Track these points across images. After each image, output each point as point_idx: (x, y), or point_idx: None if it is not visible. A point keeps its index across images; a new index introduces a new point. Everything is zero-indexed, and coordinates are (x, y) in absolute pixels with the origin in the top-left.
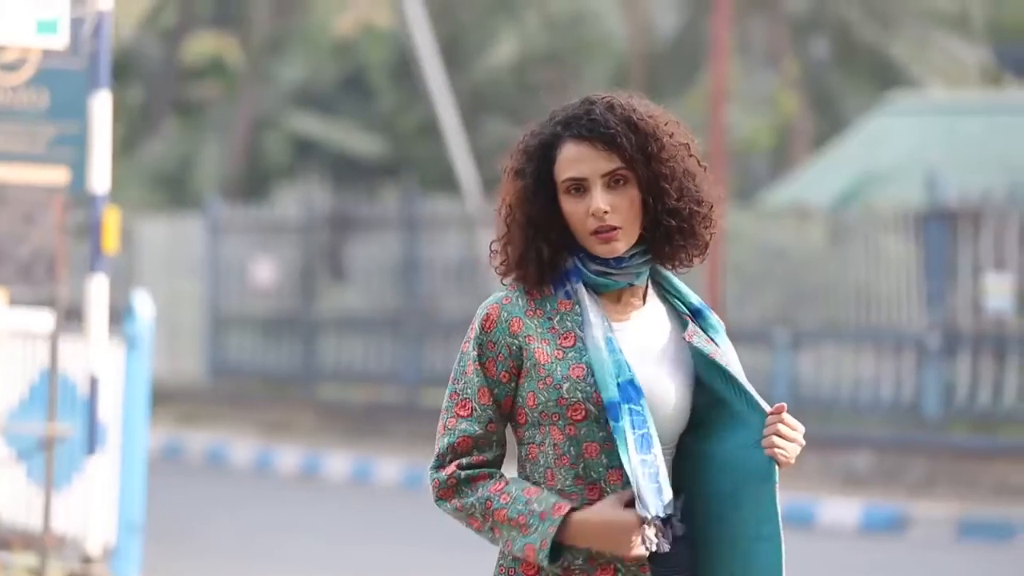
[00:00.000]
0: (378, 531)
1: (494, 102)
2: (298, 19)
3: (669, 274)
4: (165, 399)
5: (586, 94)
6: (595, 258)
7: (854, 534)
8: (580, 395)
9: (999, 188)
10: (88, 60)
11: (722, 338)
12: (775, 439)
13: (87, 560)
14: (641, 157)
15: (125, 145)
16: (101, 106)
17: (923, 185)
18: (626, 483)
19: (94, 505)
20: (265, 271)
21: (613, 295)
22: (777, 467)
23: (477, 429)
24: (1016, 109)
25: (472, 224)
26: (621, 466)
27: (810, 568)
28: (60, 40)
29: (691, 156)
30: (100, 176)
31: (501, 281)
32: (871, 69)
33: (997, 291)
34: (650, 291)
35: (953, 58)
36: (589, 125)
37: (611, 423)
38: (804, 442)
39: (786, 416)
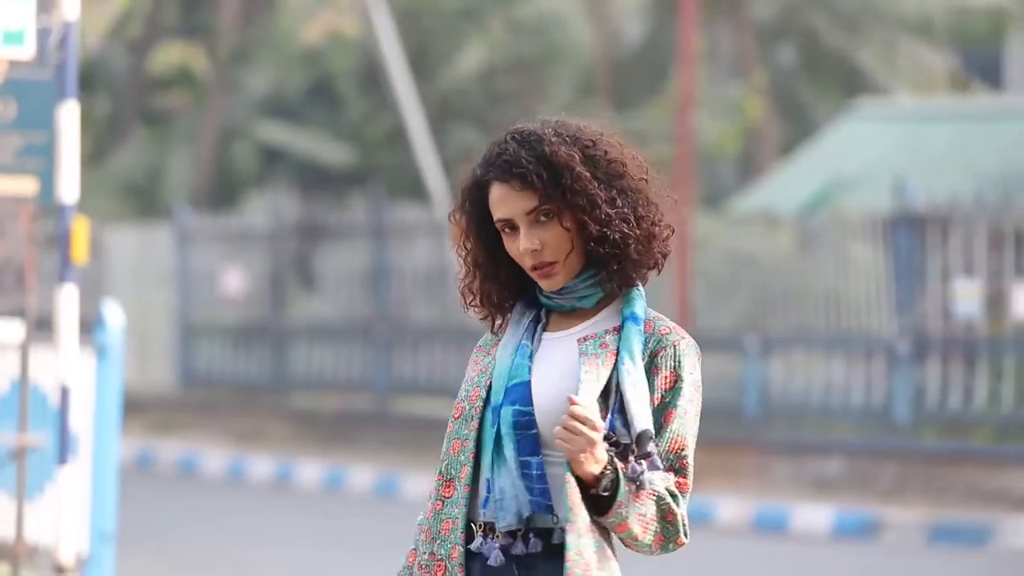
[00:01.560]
0: (351, 539)
1: (462, 110)
2: (265, 28)
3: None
4: (136, 408)
5: (513, 124)
6: None
7: (826, 540)
8: (463, 394)
9: (966, 193)
10: (55, 70)
11: (629, 353)
12: (558, 429)
13: (60, 570)
14: (556, 192)
15: (93, 155)
16: (68, 116)
17: (891, 191)
18: (472, 482)
19: (66, 515)
20: (235, 280)
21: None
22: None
23: None
24: (983, 115)
25: (441, 232)
26: (476, 465)
27: (782, 573)
28: (26, 51)
29: (625, 176)
30: (68, 186)
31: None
32: (838, 76)
33: (966, 296)
34: (612, 304)
35: (920, 64)
36: (503, 166)
37: (484, 422)
38: (592, 435)
39: (574, 408)
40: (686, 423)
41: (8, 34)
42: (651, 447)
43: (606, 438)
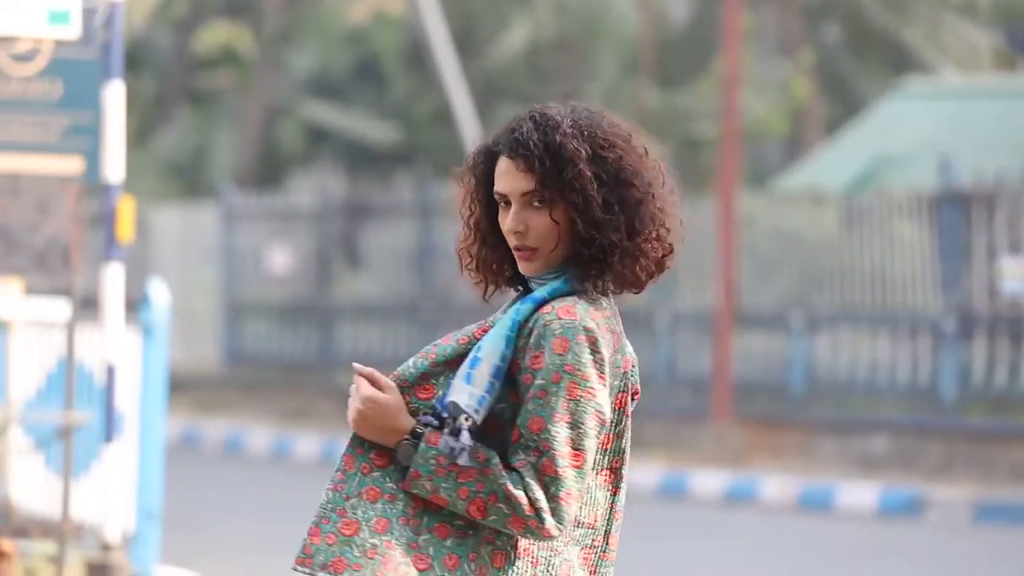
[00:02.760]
0: None
1: (507, 88)
2: (310, 8)
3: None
4: (182, 387)
5: (546, 102)
6: None
7: (871, 517)
8: None
9: (1013, 171)
10: (101, 50)
11: (498, 326)
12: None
13: (106, 548)
14: (555, 182)
15: (139, 135)
16: (114, 96)
17: (937, 169)
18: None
19: (112, 493)
20: (280, 259)
21: None
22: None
23: None
24: None
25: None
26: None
27: (828, 551)
28: (72, 30)
29: (632, 186)
30: (114, 165)
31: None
32: (884, 54)
33: (1012, 273)
34: None
35: (966, 42)
36: (512, 142)
37: None
38: (360, 404)
39: (355, 366)
40: (548, 404)
41: (54, 14)
42: (461, 421)
43: (430, 410)
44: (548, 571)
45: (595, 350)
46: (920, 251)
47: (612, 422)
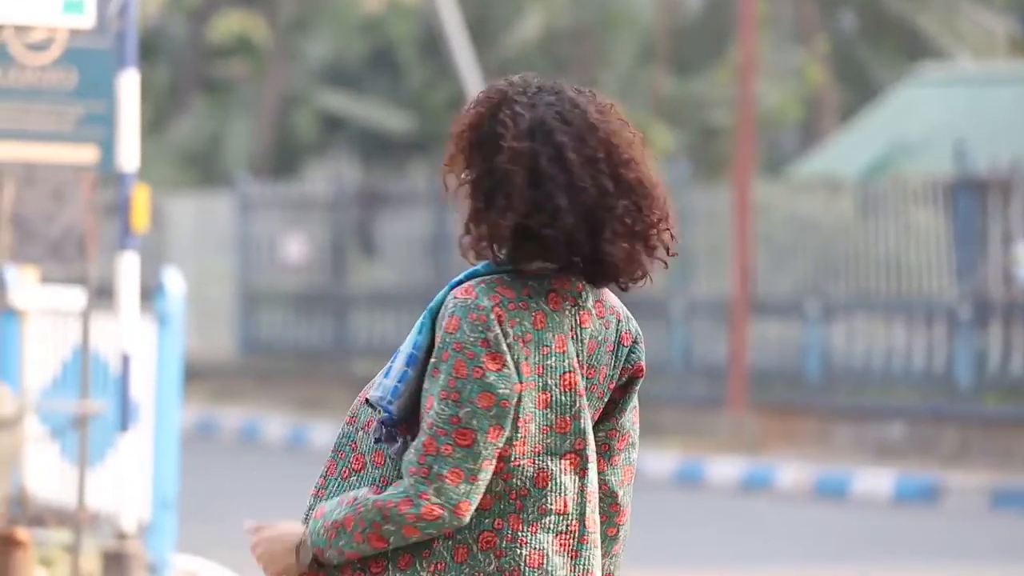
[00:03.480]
0: None
1: None
2: None
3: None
4: (197, 376)
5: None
6: None
7: (887, 504)
8: None
9: None
10: (115, 39)
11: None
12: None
13: (121, 536)
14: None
15: (153, 124)
16: (129, 84)
17: (952, 156)
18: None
19: (128, 482)
20: (295, 247)
21: None
22: None
23: None
24: None
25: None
26: None
27: (844, 538)
28: (87, 19)
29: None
30: (129, 154)
31: None
32: (899, 41)
33: None
34: None
35: (981, 28)
36: None
37: None
38: (254, 554)
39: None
40: (436, 382)
41: (68, 3)
42: (377, 414)
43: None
44: (514, 561)
45: (487, 328)
46: (935, 238)
47: (565, 404)
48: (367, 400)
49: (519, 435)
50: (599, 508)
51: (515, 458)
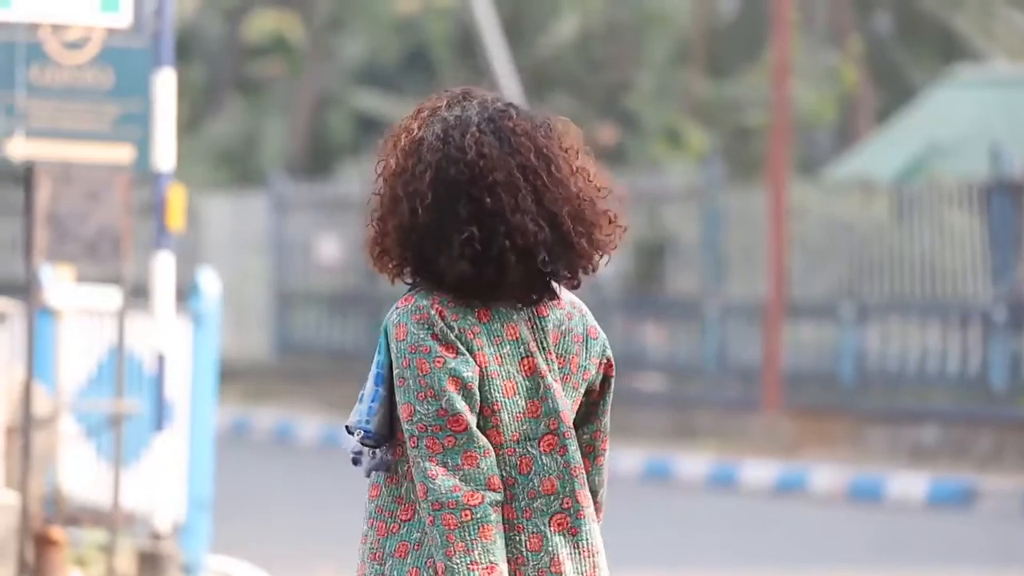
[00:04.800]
0: None
1: (557, 77)
2: None
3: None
4: (232, 376)
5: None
6: None
7: (922, 508)
8: None
9: None
10: (151, 38)
11: None
12: None
13: (156, 536)
14: None
15: (189, 123)
16: (165, 84)
17: (987, 158)
18: None
19: (162, 482)
20: (330, 248)
21: None
22: None
23: None
24: None
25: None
26: None
27: (878, 542)
28: (123, 19)
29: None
30: (165, 154)
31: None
32: (934, 42)
33: None
34: None
35: (1017, 30)
36: None
37: None
38: None
39: None
40: (407, 389)
41: (105, 2)
42: (356, 437)
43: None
44: (516, 549)
45: (432, 324)
46: (970, 240)
47: (531, 388)
48: (346, 427)
49: (490, 424)
50: None
51: (494, 448)
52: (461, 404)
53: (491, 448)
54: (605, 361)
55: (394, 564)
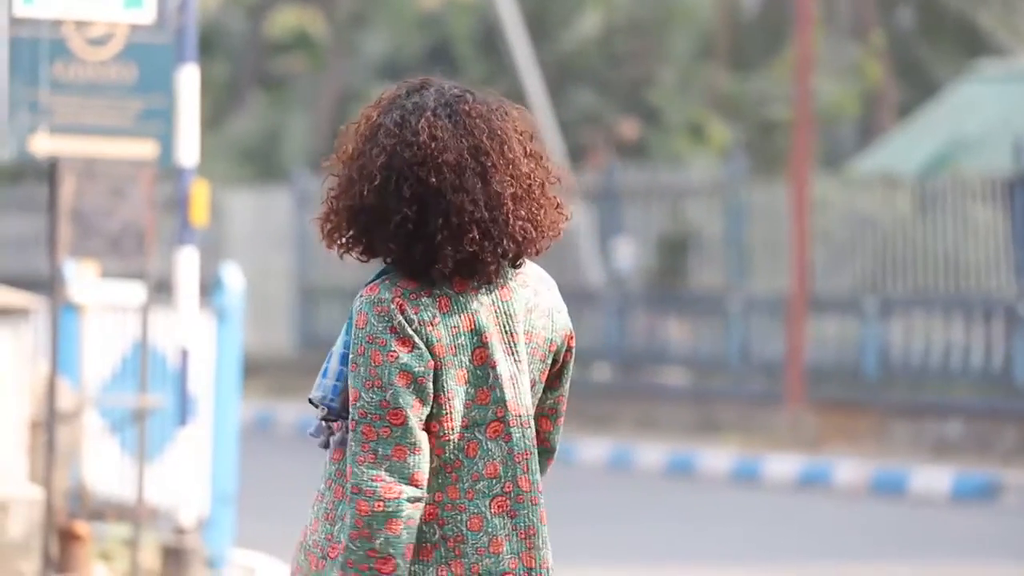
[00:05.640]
0: None
1: (580, 72)
2: None
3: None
4: (256, 371)
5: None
6: None
7: (946, 502)
8: None
9: None
10: (175, 34)
11: None
12: None
13: (180, 531)
14: None
15: (212, 119)
16: (188, 80)
17: (1011, 152)
18: None
19: (186, 477)
20: None
21: None
22: None
23: None
24: None
25: (559, 194)
26: None
27: (901, 536)
28: (147, 14)
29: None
30: (188, 149)
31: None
32: (958, 37)
33: None
34: None
35: None
36: None
37: None
38: None
39: None
40: (357, 375)
41: None
42: (318, 412)
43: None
44: (457, 528)
45: (391, 318)
46: (994, 235)
47: (481, 377)
48: (309, 400)
49: (444, 411)
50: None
51: (444, 433)
52: (405, 399)
53: (424, 447)
54: (568, 332)
55: (343, 527)
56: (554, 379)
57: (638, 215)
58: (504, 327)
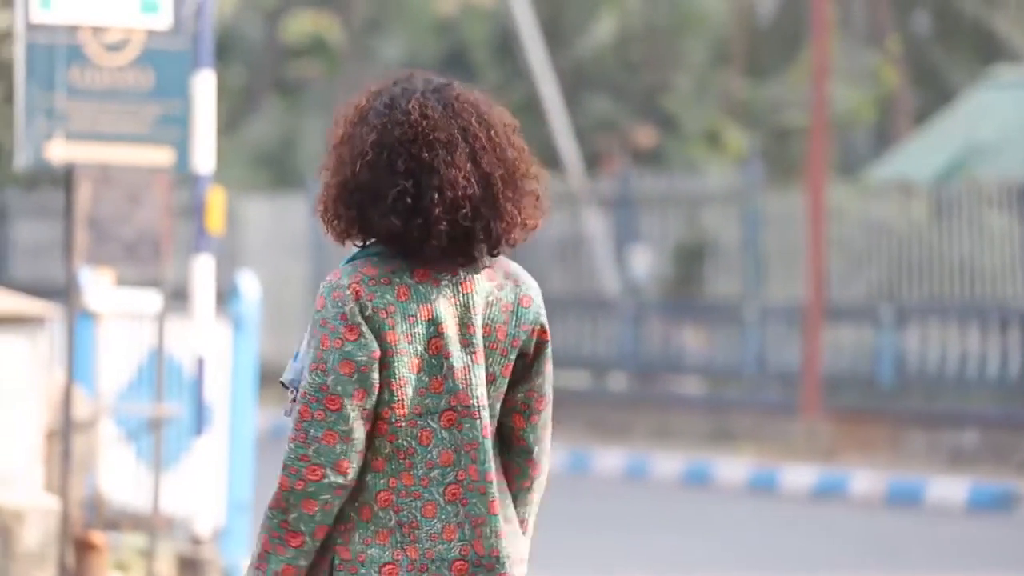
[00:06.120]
0: None
1: (596, 79)
2: None
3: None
4: (271, 379)
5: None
6: None
7: (962, 512)
8: None
9: None
10: (191, 40)
11: None
12: None
13: (196, 541)
14: None
15: (228, 125)
16: (204, 85)
17: None
18: None
19: (202, 486)
20: None
21: None
22: None
23: None
24: None
25: (575, 202)
26: None
27: (917, 547)
28: (163, 20)
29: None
30: (204, 156)
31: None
32: (974, 43)
33: None
34: None
35: None
36: None
37: None
38: None
39: None
40: (308, 355)
41: (145, 3)
42: (289, 394)
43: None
44: (411, 514)
45: (344, 303)
46: (1010, 242)
47: (435, 366)
48: (280, 382)
49: (396, 398)
50: (516, 462)
51: (397, 420)
52: (344, 387)
53: (357, 437)
54: (538, 327)
55: None
56: (524, 373)
57: (654, 223)
58: (462, 319)
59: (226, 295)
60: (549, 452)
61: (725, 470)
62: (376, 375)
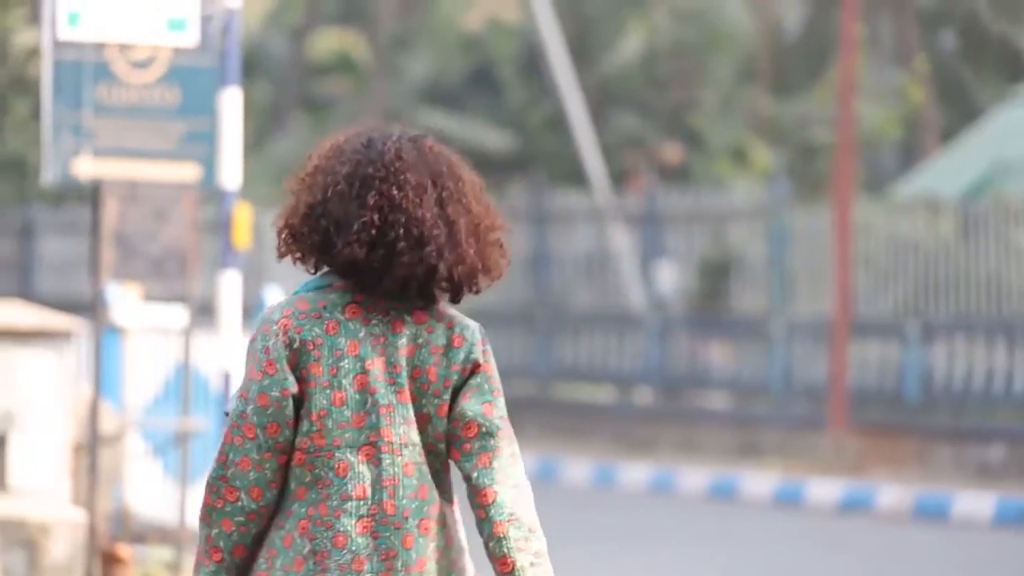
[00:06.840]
0: None
1: (622, 96)
2: (425, 15)
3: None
4: None
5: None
6: None
7: (988, 527)
8: None
9: None
10: (218, 57)
11: None
12: None
13: None
14: None
15: (254, 141)
16: (231, 102)
17: None
18: None
19: None
20: None
21: None
22: None
23: None
24: None
25: (601, 218)
26: None
27: (943, 562)
28: (190, 38)
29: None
30: (231, 172)
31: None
32: (1000, 61)
33: None
34: None
35: None
36: None
37: None
38: None
39: None
40: (241, 383)
41: (172, 22)
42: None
43: None
44: (324, 544)
45: (268, 337)
46: None
47: (359, 401)
48: (225, 413)
49: (315, 429)
50: (468, 495)
51: (316, 450)
52: (259, 418)
53: (268, 467)
54: (471, 366)
55: (268, 551)
56: (451, 407)
57: (680, 239)
58: (389, 358)
59: (252, 310)
60: (509, 480)
61: (751, 484)
62: (291, 411)
